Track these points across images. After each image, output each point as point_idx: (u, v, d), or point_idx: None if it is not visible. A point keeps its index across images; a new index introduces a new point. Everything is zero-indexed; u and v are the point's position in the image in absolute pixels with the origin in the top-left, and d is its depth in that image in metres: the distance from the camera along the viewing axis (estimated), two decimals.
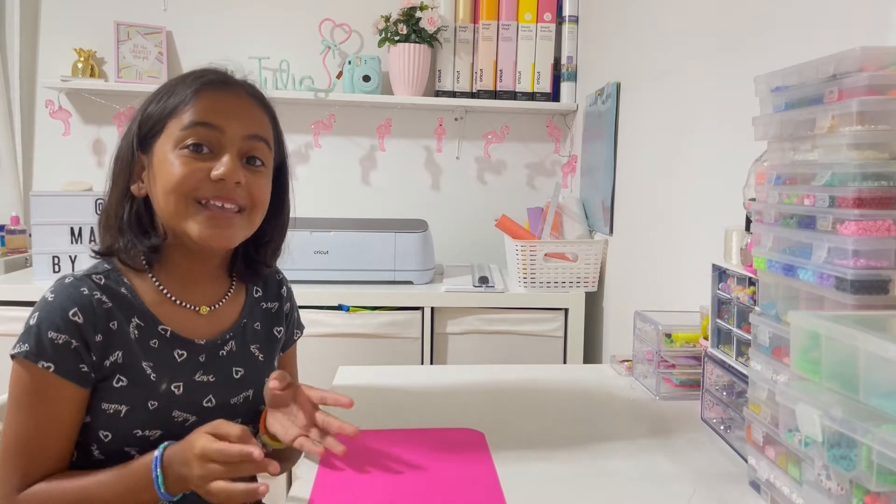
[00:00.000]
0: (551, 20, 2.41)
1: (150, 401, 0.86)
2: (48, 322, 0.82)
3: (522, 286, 2.04)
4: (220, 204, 0.86)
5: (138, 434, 0.85)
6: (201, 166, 0.85)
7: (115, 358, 0.85)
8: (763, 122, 0.81)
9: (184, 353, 0.90)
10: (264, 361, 1.00)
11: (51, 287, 0.87)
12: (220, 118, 0.86)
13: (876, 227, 0.66)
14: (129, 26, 2.34)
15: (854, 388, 0.61)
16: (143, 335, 0.88)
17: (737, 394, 0.96)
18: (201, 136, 0.85)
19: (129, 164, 0.89)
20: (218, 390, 0.93)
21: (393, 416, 1.09)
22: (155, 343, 0.88)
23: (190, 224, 0.86)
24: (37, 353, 0.81)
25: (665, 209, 1.56)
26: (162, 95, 0.89)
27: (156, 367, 0.87)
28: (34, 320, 0.83)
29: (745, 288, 0.95)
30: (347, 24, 2.44)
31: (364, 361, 1.94)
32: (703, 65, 1.37)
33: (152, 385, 0.86)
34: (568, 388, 1.24)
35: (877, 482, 0.57)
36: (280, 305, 1.07)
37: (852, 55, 0.67)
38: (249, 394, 0.97)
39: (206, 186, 0.85)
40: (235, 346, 0.96)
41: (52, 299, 0.84)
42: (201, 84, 0.88)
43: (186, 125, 0.85)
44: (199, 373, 0.91)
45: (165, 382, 0.87)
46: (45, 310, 0.84)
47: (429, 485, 0.83)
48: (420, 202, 2.56)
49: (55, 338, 0.82)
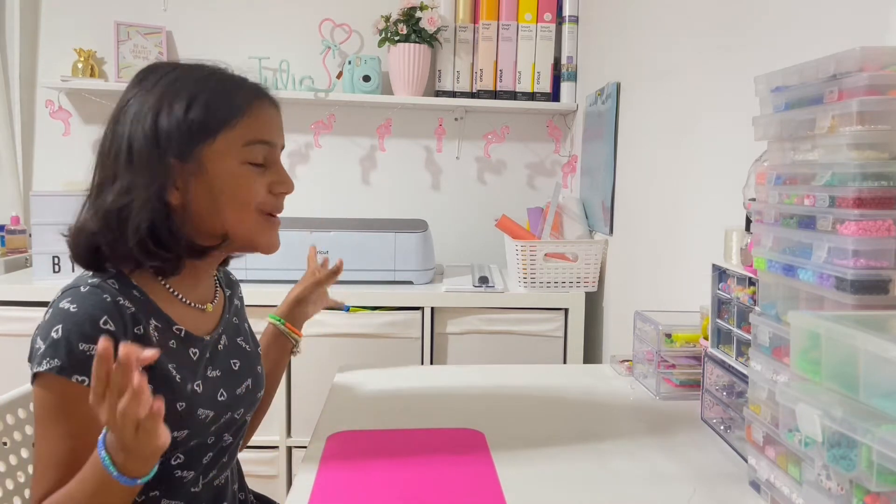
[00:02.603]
0: (551, 20, 2.41)
1: (178, 402, 0.85)
2: (77, 333, 0.78)
3: (522, 286, 2.04)
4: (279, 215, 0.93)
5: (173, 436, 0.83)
6: (265, 181, 0.90)
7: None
8: (763, 122, 0.81)
9: (196, 350, 0.91)
10: (251, 352, 1.03)
11: (64, 297, 0.82)
12: (274, 135, 0.92)
13: (876, 227, 0.66)
14: (129, 26, 2.34)
15: (854, 388, 0.61)
16: (163, 337, 0.87)
17: (737, 394, 0.96)
18: (265, 152, 0.89)
19: (155, 167, 0.83)
20: (226, 383, 0.94)
21: (393, 416, 1.09)
22: (173, 344, 0.88)
23: (263, 236, 0.91)
24: (70, 368, 0.77)
25: (665, 209, 1.56)
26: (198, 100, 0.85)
27: (178, 368, 0.86)
28: (59, 333, 0.78)
29: (745, 288, 0.95)
30: (347, 24, 2.44)
31: (364, 361, 1.94)
32: (703, 65, 1.37)
33: (179, 386, 0.86)
34: (568, 388, 1.24)
35: (877, 482, 0.57)
36: (241, 303, 1.10)
37: (852, 55, 0.67)
38: (249, 383, 0.98)
39: (272, 201, 0.91)
40: (227, 340, 0.98)
41: (77, 310, 0.80)
42: (255, 97, 0.90)
43: (252, 140, 0.87)
44: (210, 369, 0.92)
45: (189, 382, 0.87)
46: (70, 321, 0.79)
47: (429, 485, 0.83)
48: (420, 202, 2.56)
49: (87, 349, 0.78)
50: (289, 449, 2.00)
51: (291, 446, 2.00)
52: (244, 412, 0.97)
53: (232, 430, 0.96)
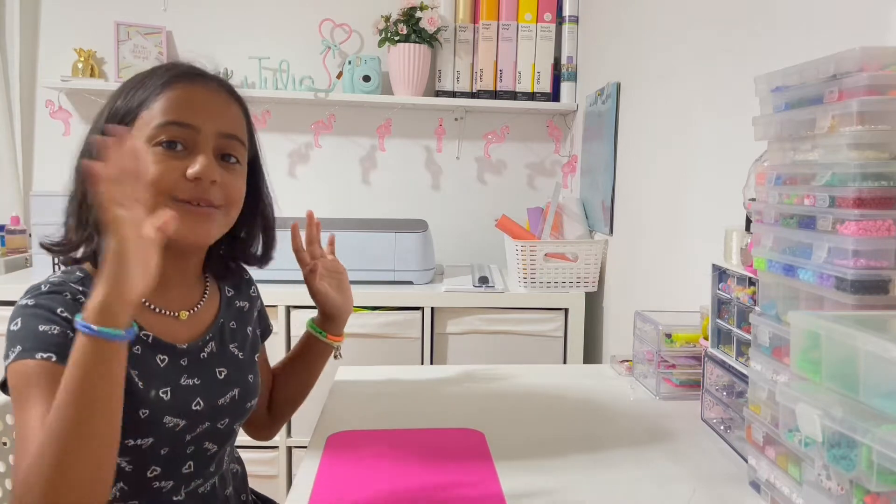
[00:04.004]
0: (551, 20, 2.41)
1: (140, 409, 0.82)
2: (36, 319, 0.77)
3: (522, 286, 2.04)
4: (197, 204, 0.85)
5: (130, 444, 0.82)
6: (177, 164, 0.83)
7: None
8: (763, 122, 0.81)
9: (165, 357, 0.87)
10: (245, 360, 0.99)
11: (26, 296, 0.81)
12: (194, 115, 0.85)
13: (876, 227, 0.66)
14: (129, 26, 2.34)
15: (854, 388, 0.61)
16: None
17: (737, 394, 0.96)
18: (175, 133, 0.84)
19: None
20: (204, 392, 0.90)
21: (393, 416, 1.09)
22: (138, 349, 0.84)
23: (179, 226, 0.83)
24: (32, 349, 0.75)
25: (665, 209, 1.56)
26: (130, 89, 0.86)
27: (141, 374, 0.83)
28: (17, 325, 0.78)
29: (745, 288, 0.95)
30: (347, 24, 2.44)
31: (364, 361, 1.93)
32: (703, 65, 1.37)
33: (141, 393, 0.82)
34: (568, 388, 1.24)
35: (877, 482, 0.57)
36: (251, 305, 1.06)
37: (852, 55, 0.67)
38: (235, 393, 0.94)
39: (182, 186, 0.83)
40: (216, 347, 0.94)
41: (34, 303, 0.79)
42: (171, 76, 0.86)
43: (161, 122, 0.83)
44: (184, 377, 0.89)
45: (154, 389, 0.84)
46: (27, 313, 0.78)
47: (429, 485, 0.83)
48: (420, 202, 2.56)
49: (48, 329, 0.77)
50: (289, 449, 2.00)
51: (291, 446, 2.00)
52: (229, 422, 0.94)
53: (215, 438, 0.93)
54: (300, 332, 1.92)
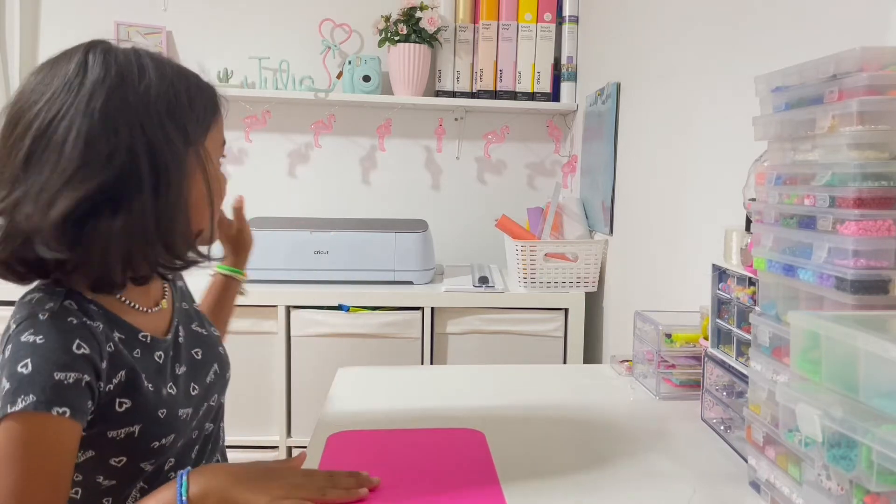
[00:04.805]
0: (551, 20, 2.41)
1: (159, 410, 0.83)
2: (52, 363, 0.71)
3: (522, 286, 2.04)
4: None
5: (156, 445, 0.82)
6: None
7: (118, 379, 0.79)
8: (763, 122, 0.81)
9: (161, 353, 0.88)
10: (208, 334, 1.00)
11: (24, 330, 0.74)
12: None
13: (876, 227, 0.66)
14: (129, 26, 2.34)
15: (854, 388, 0.61)
16: (129, 348, 0.83)
17: (737, 394, 0.96)
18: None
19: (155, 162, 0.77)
20: (194, 376, 0.92)
21: (393, 416, 1.09)
22: (138, 353, 0.84)
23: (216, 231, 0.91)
24: (47, 402, 0.69)
25: (665, 209, 1.56)
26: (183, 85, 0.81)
27: (148, 376, 0.83)
28: (29, 368, 0.71)
29: (745, 288, 0.95)
30: (347, 24, 2.44)
31: (364, 361, 1.94)
32: (703, 65, 1.37)
33: (155, 394, 0.83)
34: (568, 388, 1.24)
35: (877, 482, 0.57)
36: (184, 281, 1.06)
37: (852, 55, 0.67)
38: (215, 367, 0.96)
39: None
40: (184, 331, 0.95)
41: (44, 340, 0.73)
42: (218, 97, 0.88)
43: (223, 142, 0.89)
44: (177, 366, 0.90)
45: (162, 387, 0.85)
46: (39, 352, 0.72)
47: (429, 485, 0.83)
48: (420, 202, 2.56)
49: (64, 378, 0.71)
50: (289, 449, 2.00)
51: (291, 446, 2.00)
52: (218, 396, 0.97)
53: (211, 417, 0.95)
54: (300, 331, 1.94)
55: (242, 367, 1.99)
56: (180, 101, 0.79)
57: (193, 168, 0.81)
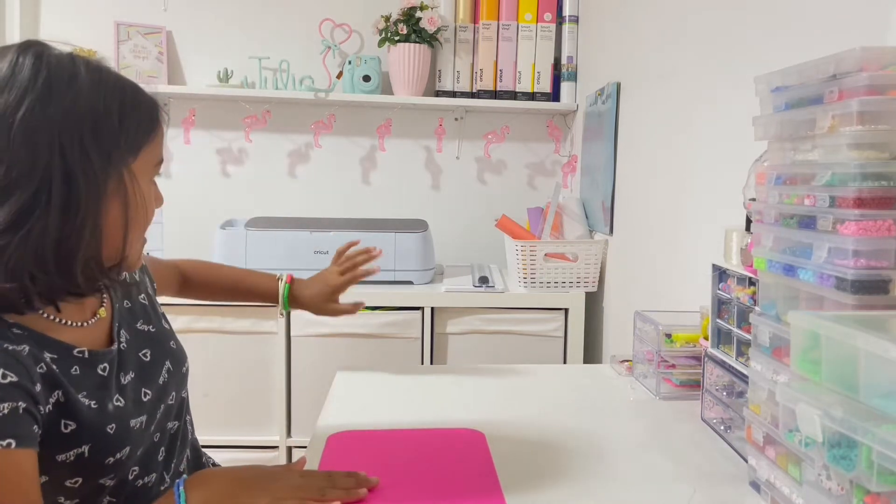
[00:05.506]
0: (551, 20, 2.41)
1: (107, 426, 0.79)
2: None
3: (522, 286, 2.04)
4: None
5: (110, 461, 0.79)
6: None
7: (55, 399, 0.74)
8: (763, 122, 0.81)
9: (106, 365, 0.83)
10: (157, 331, 0.95)
11: None
12: None
13: (876, 227, 0.66)
14: (129, 26, 2.34)
15: (854, 388, 0.61)
16: (63, 367, 0.77)
17: (737, 394, 0.96)
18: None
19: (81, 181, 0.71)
20: (144, 381, 0.88)
21: (393, 416, 1.09)
22: (76, 370, 0.79)
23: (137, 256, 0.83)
24: None
25: (665, 209, 1.56)
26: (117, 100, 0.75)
27: (90, 393, 0.79)
28: None
29: (745, 288, 0.95)
30: (347, 24, 2.44)
31: (364, 361, 1.94)
32: (703, 65, 1.37)
33: (99, 412, 0.79)
34: (568, 389, 1.24)
35: (877, 482, 0.57)
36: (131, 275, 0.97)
37: (852, 55, 0.67)
38: (168, 366, 0.93)
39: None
40: (127, 334, 0.89)
41: None
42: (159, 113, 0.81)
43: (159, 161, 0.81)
44: (122, 376, 0.85)
45: (108, 401, 0.80)
46: None
47: (429, 485, 0.83)
48: (420, 202, 2.56)
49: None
50: (289, 449, 2.00)
51: (291, 446, 2.00)
52: (176, 393, 0.93)
53: (172, 415, 0.92)
54: (300, 331, 1.94)
55: (242, 367, 2.00)
56: (110, 119, 0.73)
57: (113, 192, 0.74)
